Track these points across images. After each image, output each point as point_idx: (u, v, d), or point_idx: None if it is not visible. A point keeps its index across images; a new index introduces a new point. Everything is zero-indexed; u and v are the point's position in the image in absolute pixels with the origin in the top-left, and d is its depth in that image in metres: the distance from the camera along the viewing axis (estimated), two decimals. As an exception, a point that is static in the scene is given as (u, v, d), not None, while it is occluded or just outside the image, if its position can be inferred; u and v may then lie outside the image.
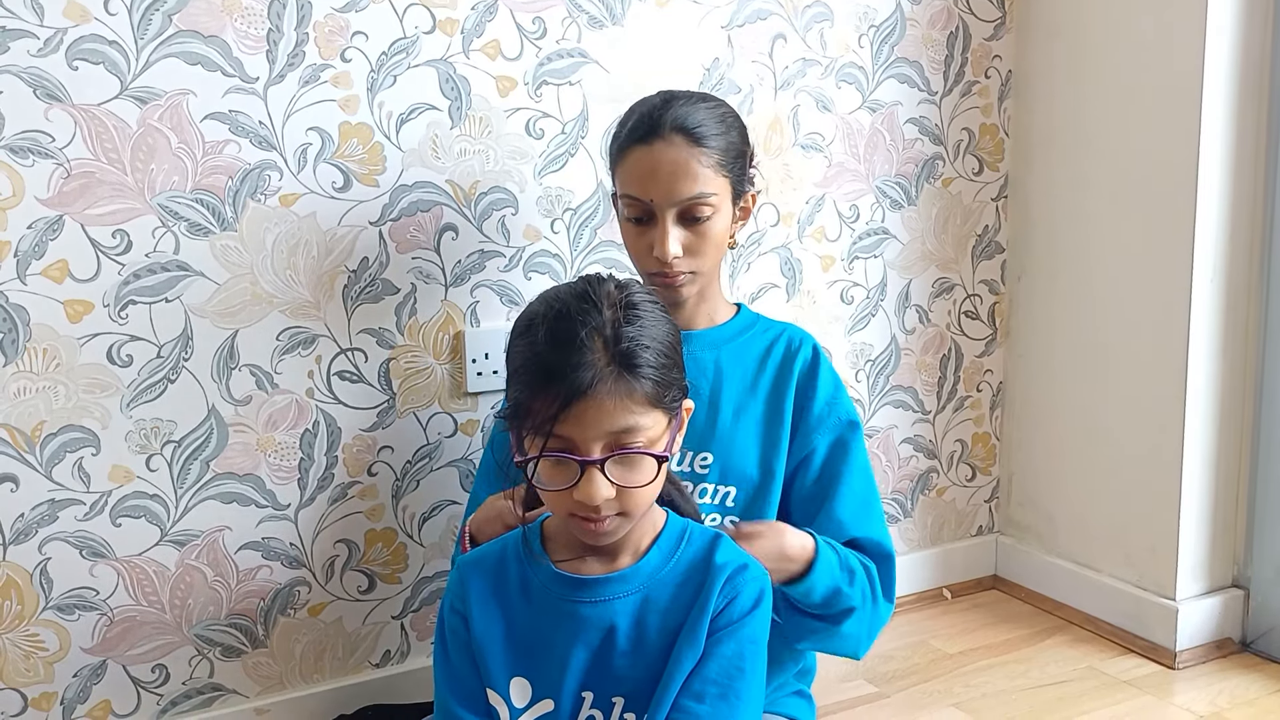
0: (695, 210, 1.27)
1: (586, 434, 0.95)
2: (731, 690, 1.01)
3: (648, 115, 1.28)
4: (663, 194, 1.26)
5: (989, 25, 1.97)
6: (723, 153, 1.28)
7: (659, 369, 0.98)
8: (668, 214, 1.27)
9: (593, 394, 0.94)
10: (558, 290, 1.02)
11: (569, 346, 0.95)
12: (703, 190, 1.26)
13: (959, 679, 1.74)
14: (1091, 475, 1.93)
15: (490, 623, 1.05)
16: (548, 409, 0.94)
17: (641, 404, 0.97)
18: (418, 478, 1.61)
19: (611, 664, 1.02)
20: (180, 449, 1.45)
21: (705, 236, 1.29)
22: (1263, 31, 1.71)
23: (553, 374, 0.94)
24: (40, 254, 1.34)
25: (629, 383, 0.96)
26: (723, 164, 1.28)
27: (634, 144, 1.28)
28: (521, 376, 0.98)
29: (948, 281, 2.01)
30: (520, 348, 1.00)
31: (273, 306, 1.48)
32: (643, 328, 0.98)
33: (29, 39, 1.30)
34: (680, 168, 1.26)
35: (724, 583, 1.03)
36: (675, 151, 1.26)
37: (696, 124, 1.27)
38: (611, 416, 0.95)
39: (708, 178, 1.27)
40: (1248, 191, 1.75)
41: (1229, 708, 1.63)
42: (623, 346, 0.96)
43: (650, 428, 0.98)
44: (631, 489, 0.97)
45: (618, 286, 1.01)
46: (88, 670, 1.44)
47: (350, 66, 1.48)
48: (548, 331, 0.97)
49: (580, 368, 0.94)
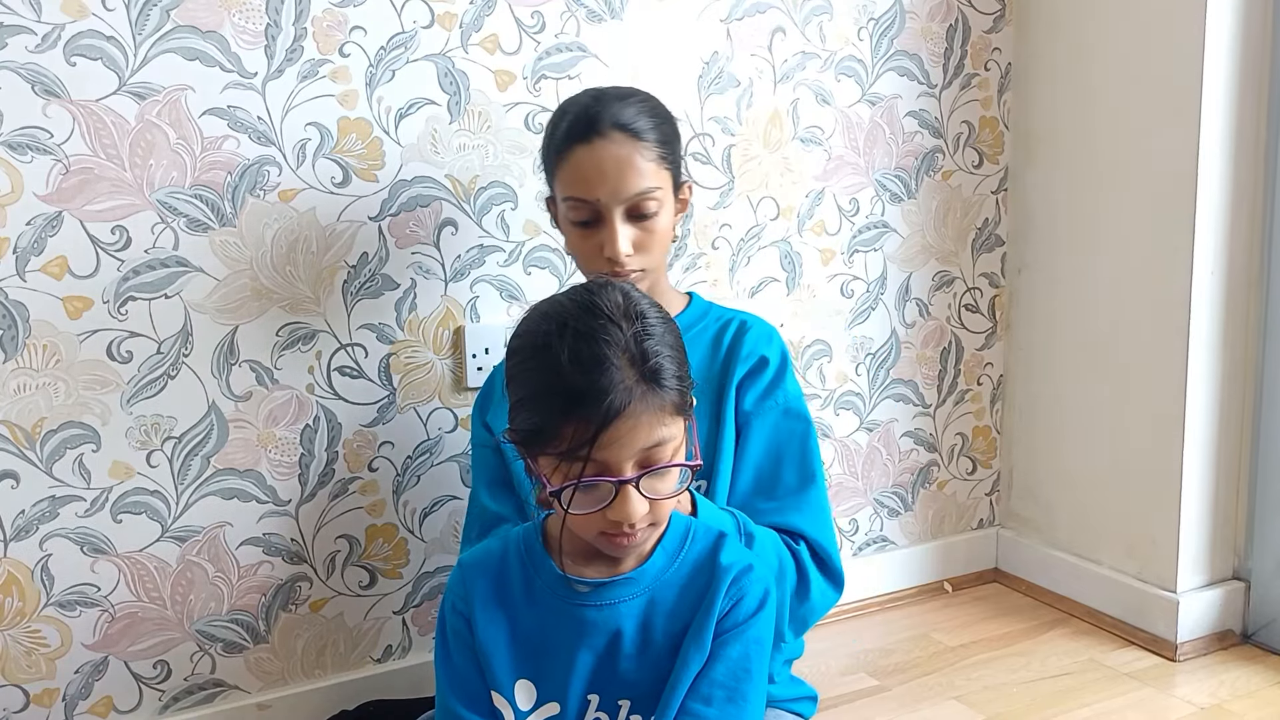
0: (642, 206, 1.26)
1: (621, 455, 0.93)
2: (738, 693, 1.01)
3: (583, 114, 1.26)
4: (609, 192, 1.25)
5: (988, 18, 1.96)
6: (662, 145, 1.27)
7: (680, 377, 0.97)
8: (615, 212, 1.25)
9: (628, 414, 0.92)
10: (559, 304, 0.99)
11: (595, 368, 0.92)
12: (648, 185, 1.25)
13: (960, 672, 1.74)
14: (1092, 468, 1.93)
15: (494, 625, 1.04)
16: (581, 434, 0.92)
17: (669, 414, 0.96)
18: (418, 473, 1.61)
19: (617, 667, 1.02)
20: (181, 445, 1.45)
21: (653, 232, 1.28)
22: (1263, 22, 1.71)
23: (584, 398, 0.91)
24: (39, 250, 1.34)
25: (659, 396, 0.94)
26: (664, 157, 1.27)
27: (574, 144, 1.26)
28: (543, 401, 0.94)
29: (948, 275, 2.01)
30: (534, 370, 0.96)
31: (272, 302, 1.48)
32: (660, 337, 0.97)
33: (27, 35, 1.30)
34: (624, 164, 1.24)
35: (729, 584, 1.02)
36: (617, 148, 1.24)
37: (633, 119, 1.25)
38: (645, 433, 0.94)
39: (651, 172, 1.26)
40: (1248, 183, 1.74)
41: (1230, 700, 1.63)
42: (651, 364, 0.94)
43: (676, 436, 0.97)
44: (663, 500, 0.97)
45: (622, 294, 0.99)
46: (89, 666, 1.45)
47: (349, 61, 1.47)
48: (569, 353, 0.93)
49: (613, 389, 0.91)
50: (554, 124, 1.31)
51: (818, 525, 1.29)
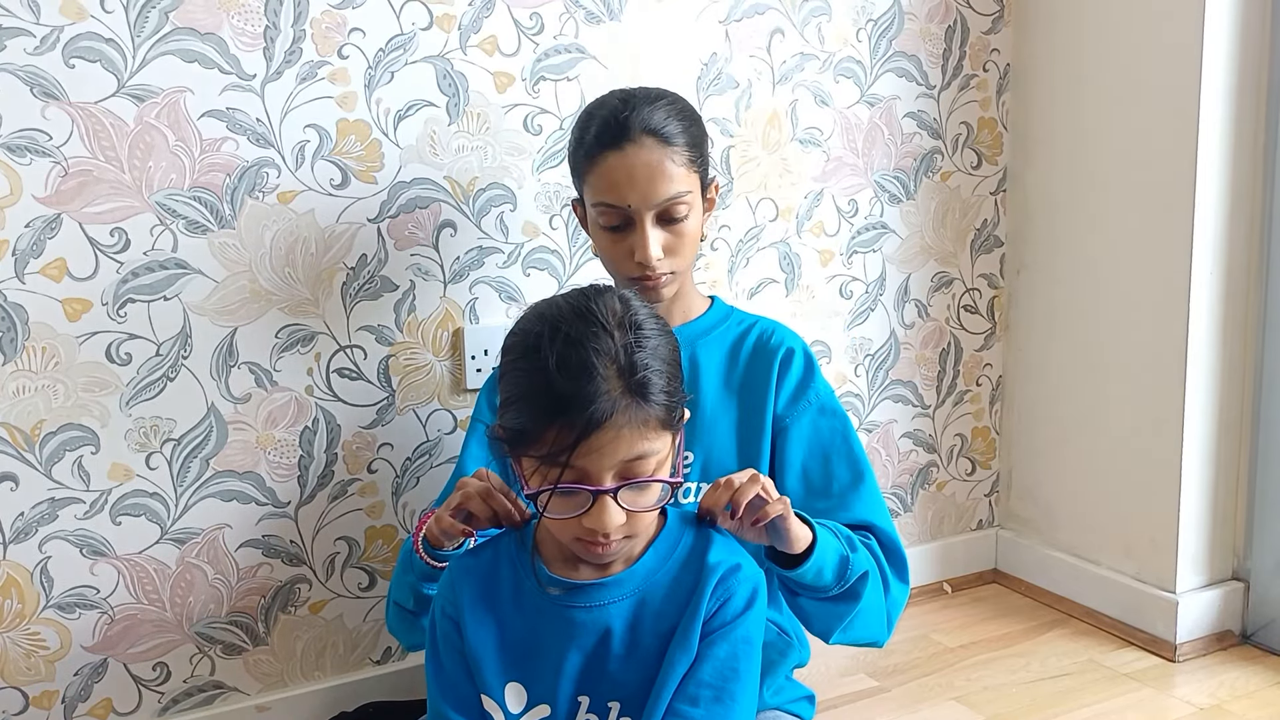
0: (673, 210, 1.26)
1: (601, 464, 0.93)
2: (726, 692, 1.00)
3: (613, 119, 1.26)
4: (640, 198, 1.25)
5: (987, 19, 1.96)
6: (691, 149, 1.27)
7: (669, 392, 0.96)
8: (646, 217, 1.26)
9: (610, 425, 0.92)
10: (556, 306, 0.98)
11: (582, 375, 0.92)
12: (679, 190, 1.26)
13: (959, 673, 1.74)
14: (1091, 468, 1.93)
15: (483, 628, 1.04)
16: (562, 440, 0.92)
17: (654, 429, 0.95)
18: (418, 474, 1.61)
19: (607, 668, 1.02)
20: (180, 447, 1.45)
21: (683, 235, 1.28)
22: (1261, 23, 1.71)
23: (567, 405, 0.91)
24: (38, 253, 1.34)
25: (644, 410, 0.94)
26: (692, 160, 1.28)
27: (604, 150, 1.26)
28: (529, 403, 0.94)
29: (947, 276, 2.01)
30: (523, 371, 0.96)
31: (271, 304, 1.48)
32: (653, 350, 0.96)
33: (25, 37, 1.30)
34: (655, 170, 1.24)
35: (716, 584, 1.01)
36: (648, 154, 1.24)
37: (663, 123, 1.25)
38: (627, 445, 0.93)
39: (681, 176, 1.26)
40: (1246, 183, 1.74)
41: (1229, 700, 1.63)
42: (638, 377, 0.93)
43: (660, 450, 0.97)
44: (641, 512, 0.97)
45: (621, 302, 0.98)
46: (89, 669, 1.45)
47: (347, 63, 1.47)
48: (558, 358, 0.92)
49: (597, 398, 0.91)
50: (582, 127, 1.30)
51: (881, 516, 1.30)
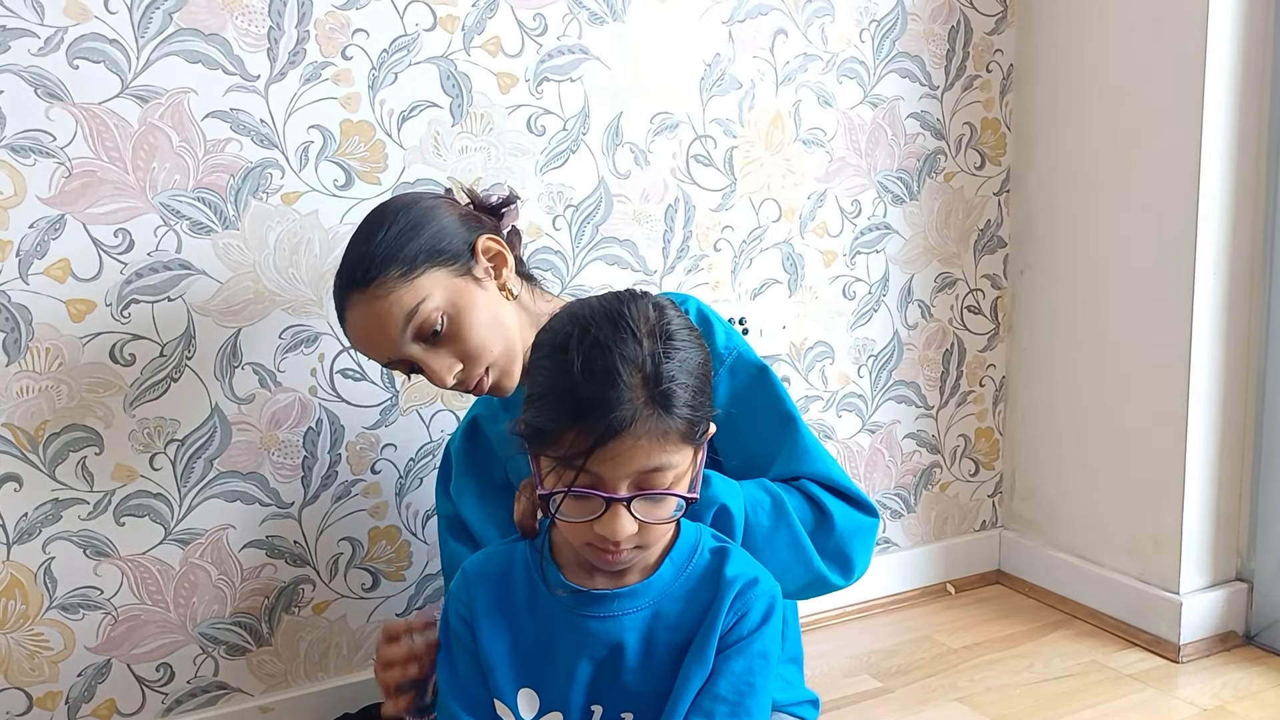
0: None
1: (617, 472, 0.92)
2: (742, 707, 1.00)
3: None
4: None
5: (990, 19, 1.96)
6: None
7: (694, 406, 0.95)
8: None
9: (629, 433, 0.90)
10: (589, 307, 0.97)
11: (605, 381, 0.91)
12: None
13: (963, 673, 1.74)
14: (1095, 469, 1.93)
15: (497, 633, 1.03)
16: (580, 444, 0.91)
17: (675, 442, 0.94)
18: (421, 475, 1.61)
19: (620, 679, 1.02)
20: (183, 448, 1.45)
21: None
22: (1264, 22, 1.71)
23: (589, 408, 0.90)
24: (42, 253, 1.34)
25: (665, 421, 0.92)
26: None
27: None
28: (550, 403, 0.93)
29: (950, 276, 2.01)
30: (549, 370, 0.95)
31: (275, 305, 1.48)
32: (681, 361, 0.94)
33: (30, 38, 1.30)
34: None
35: (734, 599, 1.01)
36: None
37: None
38: (645, 456, 0.92)
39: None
40: (1250, 184, 1.74)
41: (1233, 701, 1.63)
42: (663, 387, 0.92)
43: (680, 464, 0.95)
44: (654, 525, 0.96)
45: (655, 309, 0.96)
46: (92, 669, 1.45)
47: (351, 64, 1.47)
48: (583, 360, 0.91)
49: (618, 405, 0.90)
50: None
51: (811, 460, 1.19)
